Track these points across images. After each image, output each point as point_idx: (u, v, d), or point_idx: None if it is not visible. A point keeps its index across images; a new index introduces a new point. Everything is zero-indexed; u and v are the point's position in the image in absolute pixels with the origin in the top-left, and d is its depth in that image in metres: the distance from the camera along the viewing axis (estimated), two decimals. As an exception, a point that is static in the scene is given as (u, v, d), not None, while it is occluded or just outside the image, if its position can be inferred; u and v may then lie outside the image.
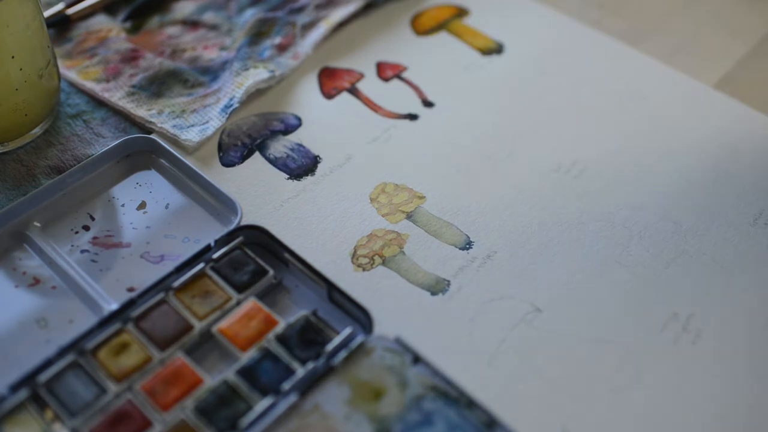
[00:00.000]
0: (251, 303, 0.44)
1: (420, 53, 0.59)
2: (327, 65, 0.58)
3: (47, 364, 0.41)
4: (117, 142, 0.51)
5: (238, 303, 0.44)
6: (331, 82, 0.57)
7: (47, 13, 0.58)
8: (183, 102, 0.54)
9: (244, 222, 0.48)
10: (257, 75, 0.55)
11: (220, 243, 0.46)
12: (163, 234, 0.48)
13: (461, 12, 0.62)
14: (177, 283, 0.45)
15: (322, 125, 0.54)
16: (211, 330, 0.44)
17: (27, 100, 0.50)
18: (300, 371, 0.42)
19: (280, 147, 0.53)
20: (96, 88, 0.55)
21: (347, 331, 0.43)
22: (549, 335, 0.44)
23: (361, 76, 0.57)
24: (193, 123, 0.53)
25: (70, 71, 0.56)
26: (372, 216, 0.49)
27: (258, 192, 0.50)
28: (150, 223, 0.49)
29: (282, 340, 0.43)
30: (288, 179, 0.51)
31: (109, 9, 0.61)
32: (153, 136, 0.52)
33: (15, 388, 0.41)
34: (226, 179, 0.51)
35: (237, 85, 0.55)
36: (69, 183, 0.49)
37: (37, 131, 0.52)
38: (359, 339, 0.43)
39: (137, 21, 0.60)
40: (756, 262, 0.47)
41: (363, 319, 0.43)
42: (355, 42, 0.60)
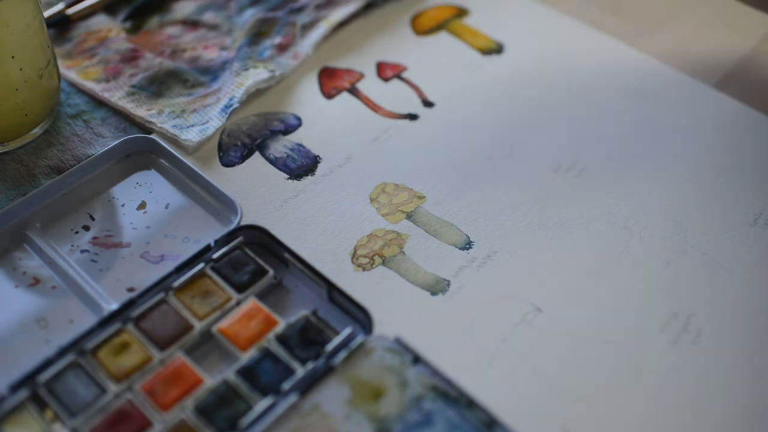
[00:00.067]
0: (251, 303, 0.44)
1: (420, 53, 0.59)
2: (327, 65, 0.58)
3: (47, 364, 0.41)
4: (117, 142, 0.51)
5: (238, 303, 0.44)
6: (331, 82, 0.57)
7: (47, 13, 0.58)
8: (183, 102, 0.54)
9: (244, 222, 0.48)
10: (257, 75, 0.55)
11: (220, 243, 0.46)
12: (163, 234, 0.48)
13: (461, 12, 0.62)
14: (177, 283, 0.45)
15: (322, 125, 0.54)
16: (211, 330, 0.44)
17: (27, 100, 0.50)
18: (300, 371, 0.42)
19: (280, 147, 0.53)
20: (96, 88, 0.55)
21: (347, 331, 0.43)
22: (549, 335, 0.44)
23: (361, 76, 0.57)
24: (193, 123, 0.53)
25: (70, 71, 0.56)
26: (372, 216, 0.49)
27: (258, 192, 0.50)
28: (150, 223, 0.49)
29: (282, 340, 0.43)
30: (288, 179, 0.51)
31: (109, 9, 0.61)
32: (153, 136, 0.52)
33: (15, 388, 0.41)
34: (226, 179, 0.51)
35: (237, 85, 0.55)
36: (69, 183, 0.49)
37: (37, 131, 0.52)
38: (359, 339, 0.43)
39: (137, 21, 0.60)
40: (756, 262, 0.47)
41: (363, 319, 0.43)
42: (355, 42, 0.60)
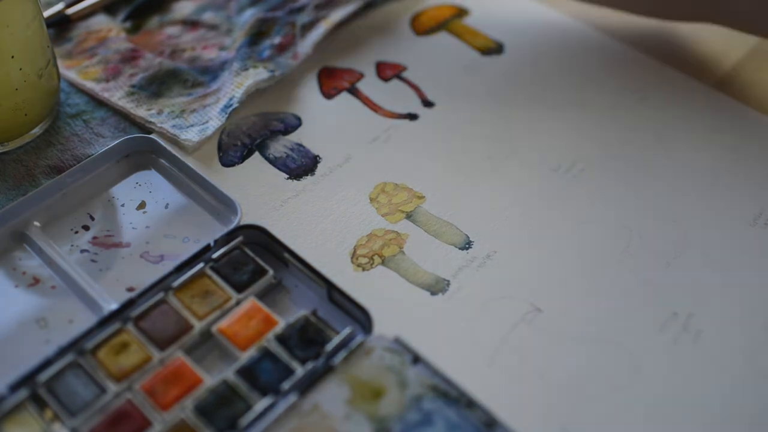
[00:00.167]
0: (251, 303, 0.44)
1: (420, 53, 0.59)
2: (327, 65, 0.58)
3: (47, 363, 0.41)
4: (117, 142, 0.51)
5: (237, 303, 0.44)
6: (331, 81, 0.57)
7: (47, 13, 0.58)
8: (183, 102, 0.54)
9: (243, 222, 0.48)
10: (257, 75, 0.55)
11: (219, 243, 0.46)
12: (163, 234, 0.48)
13: (461, 12, 0.62)
14: (177, 283, 0.45)
15: (322, 125, 0.54)
16: (211, 330, 0.44)
17: (27, 100, 0.50)
18: (299, 371, 0.42)
19: (280, 147, 0.53)
20: (96, 87, 0.55)
21: (347, 331, 0.43)
22: (549, 335, 0.44)
23: (361, 75, 0.57)
24: (193, 123, 0.53)
25: (70, 71, 0.56)
26: (372, 216, 0.49)
27: (258, 192, 0.50)
28: (150, 223, 0.49)
29: (282, 339, 0.43)
30: (288, 179, 0.51)
31: (109, 9, 0.61)
32: (153, 136, 0.52)
33: (15, 387, 0.41)
34: (226, 179, 0.51)
35: (237, 85, 0.55)
36: (69, 183, 0.49)
37: (37, 131, 0.52)
38: (359, 339, 0.43)
39: (137, 21, 0.60)
40: (756, 262, 0.47)
41: (363, 319, 0.43)
42: (355, 42, 0.60)
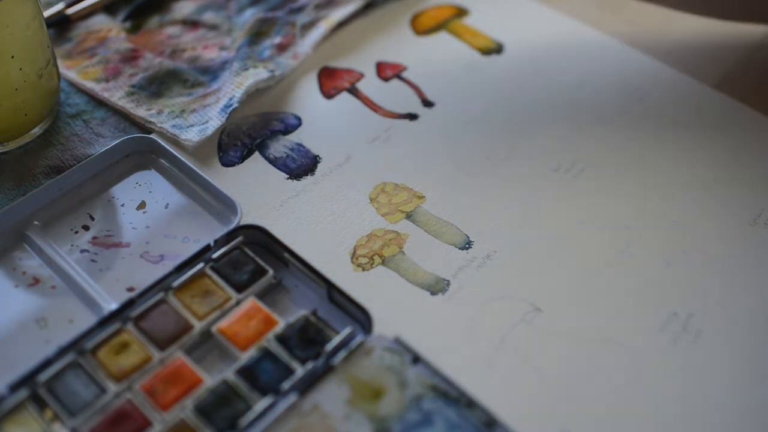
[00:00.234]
0: (251, 303, 0.44)
1: (420, 53, 0.59)
2: (327, 65, 0.58)
3: (47, 363, 0.41)
4: (117, 142, 0.51)
5: (237, 303, 0.44)
6: (331, 82, 0.57)
7: (47, 13, 0.58)
8: (183, 102, 0.54)
9: (243, 222, 0.48)
10: (257, 75, 0.55)
11: (219, 243, 0.46)
12: (163, 234, 0.48)
13: (461, 12, 0.62)
14: (177, 283, 0.45)
15: (322, 125, 0.54)
16: (211, 330, 0.44)
17: (27, 100, 0.50)
18: (299, 371, 0.42)
19: (280, 147, 0.53)
20: (96, 87, 0.55)
21: (347, 331, 0.43)
22: (549, 335, 0.44)
23: (361, 75, 0.57)
24: (193, 123, 0.53)
25: (70, 71, 0.56)
26: (372, 216, 0.49)
27: (258, 192, 0.50)
28: (150, 223, 0.49)
29: (282, 339, 0.43)
30: (288, 179, 0.51)
31: (109, 9, 0.61)
32: (153, 136, 0.52)
33: (15, 387, 0.41)
34: (226, 179, 0.51)
35: (237, 85, 0.55)
36: (69, 183, 0.49)
37: (37, 131, 0.52)
38: (359, 339, 0.43)
39: (137, 21, 0.60)
40: (755, 262, 0.47)
41: (363, 319, 0.43)
42: (355, 42, 0.60)
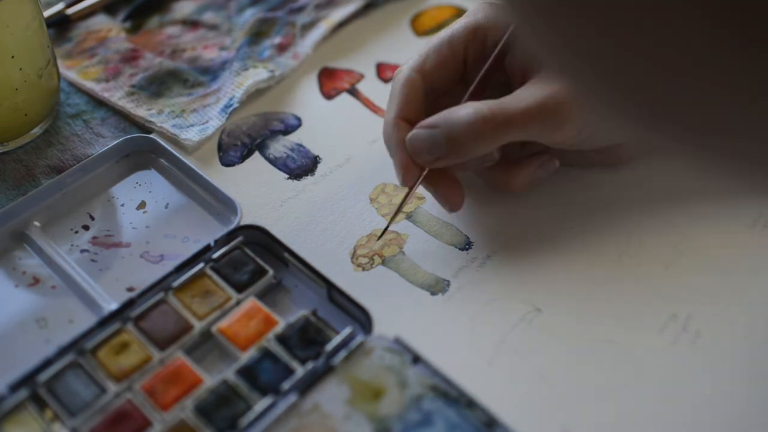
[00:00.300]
0: (251, 303, 0.44)
1: (420, 53, 0.59)
2: (327, 65, 0.58)
3: (47, 363, 0.41)
4: (117, 141, 0.51)
5: (237, 303, 0.44)
6: (331, 82, 0.57)
7: (47, 13, 0.58)
8: (183, 102, 0.54)
9: (243, 222, 0.47)
10: (257, 75, 0.55)
11: (219, 243, 0.46)
12: (163, 234, 0.48)
13: (461, 12, 0.62)
14: (177, 283, 0.45)
15: (322, 125, 0.54)
16: (211, 330, 0.44)
17: (27, 100, 0.50)
18: (299, 371, 0.42)
19: (280, 147, 0.53)
20: (96, 87, 0.55)
21: (347, 331, 0.43)
22: (549, 335, 0.44)
23: (361, 76, 0.57)
24: (193, 123, 0.53)
25: (70, 71, 0.56)
26: (372, 216, 0.49)
27: (258, 192, 0.50)
28: (150, 223, 0.49)
29: (282, 339, 0.43)
30: (288, 179, 0.51)
31: (109, 9, 0.61)
32: (153, 135, 0.52)
33: (15, 387, 0.41)
34: (226, 179, 0.51)
35: (237, 85, 0.55)
36: (69, 183, 0.49)
37: (37, 131, 0.52)
38: (359, 339, 0.43)
39: (137, 21, 0.60)
40: (755, 263, 0.47)
41: (363, 319, 0.43)
42: (355, 42, 0.60)
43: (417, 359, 0.42)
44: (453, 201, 0.46)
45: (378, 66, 0.58)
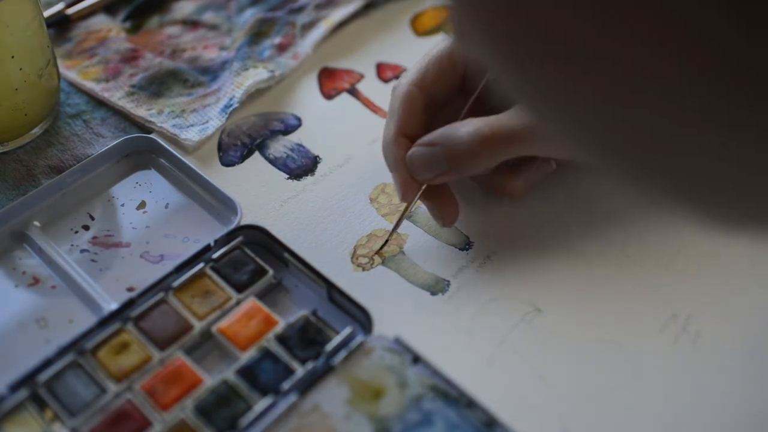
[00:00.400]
0: (251, 303, 0.44)
1: (420, 54, 0.59)
2: (327, 65, 0.58)
3: (47, 363, 0.41)
4: (117, 141, 0.51)
5: (237, 303, 0.44)
6: (331, 82, 0.57)
7: (47, 13, 0.58)
8: (183, 102, 0.54)
9: (243, 222, 0.47)
10: (257, 75, 0.55)
11: (219, 243, 0.46)
12: (163, 234, 0.48)
13: (461, 12, 0.62)
14: (177, 283, 0.45)
15: (322, 125, 0.54)
16: (211, 330, 0.44)
17: (27, 100, 0.50)
18: (299, 371, 0.42)
19: (280, 147, 0.53)
20: (96, 88, 0.55)
21: (347, 331, 0.43)
22: (549, 335, 0.44)
23: (361, 77, 0.57)
24: (193, 123, 0.53)
25: (70, 71, 0.56)
26: (372, 216, 0.49)
27: (258, 192, 0.50)
28: (150, 223, 0.49)
29: (282, 339, 0.43)
30: (288, 179, 0.51)
31: (109, 9, 0.61)
32: (153, 135, 0.52)
33: (15, 387, 0.41)
34: (226, 179, 0.51)
35: (237, 85, 0.55)
36: (69, 183, 0.49)
37: (37, 131, 0.52)
38: (359, 339, 0.43)
39: (137, 21, 0.60)
40: (754, 263, 0.47)
41: (363, 319, 0.43)
42: (355, 42, 0.60)
43: (417, 359, 0.42)
44: (448, 216, 0.46)
45: (378, 66, 0.58)
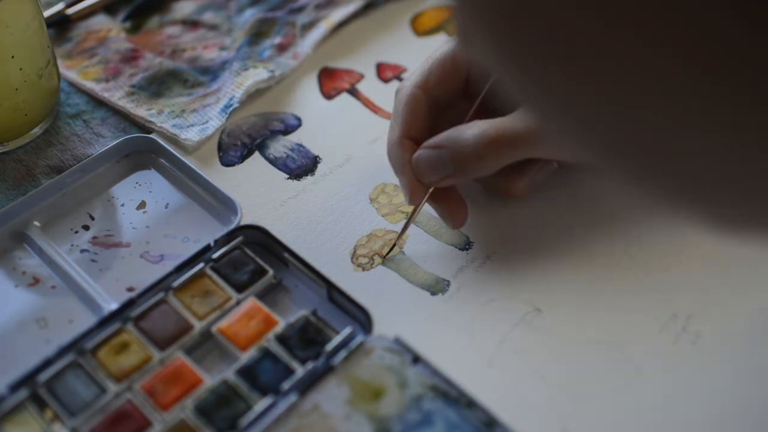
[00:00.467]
0: (251, 303, 0.44)
1: (420, 54, 0.59)
2: (327, 65, 0.58)
3: (47, 363, 0.41)
4: (117, 141, 0.51)
5: (237, 303, 0.44)
6: (331, 82, 0.57)
7: (47, 13, 0.58)
8: (183, 102, 0.54)
9: (243, 222, 0.47)
10: (257, 75, 0.55)
11: (219, 243, 0.46)
12: (163, 234, 0.48)
13: (461, 12, 0.62)
14: (177, 283, 0.45)
15: (322, 125, 0.54)
16: (211, 330, 0.44)
17: (27, 100, 0.50)
18: (299, 371, 0.42)
19: (280, 147, 0.53)
20: (96, 88, 0.55)
21: (347, 331, 0.43)
22: (549, 335, 0.44)
23: (361, 77, 0.57)
24: (193, 123, 0.53)
25: (70, 71, 0.56)
26: (372, 216, 0.49)
27: (258, 192, 0.50)
28: (150, 223, 0.49)
29: (282, 339, 0.43)
30: (288, 179, 0.51)
31: (109, 9, 0.61)
32: (153, 135, 0.52)
33: (15, 387, 0.41)
34: (226, 179, 0.51)
35: (237, 85, 0.55)
36: (69, 183, 0.49)
37: (37, 131, 0.52)
38: (359, 339, 0.43)
39: (137, 21, 0.60)
40: (754, 264, 0.47)
41: (363, 319, 0.43)
42: (355, 42, 0.60)
43: (417, 359, 0.42)
44: (457, 218, 0.46)
45: (378, 66, 0.58)
